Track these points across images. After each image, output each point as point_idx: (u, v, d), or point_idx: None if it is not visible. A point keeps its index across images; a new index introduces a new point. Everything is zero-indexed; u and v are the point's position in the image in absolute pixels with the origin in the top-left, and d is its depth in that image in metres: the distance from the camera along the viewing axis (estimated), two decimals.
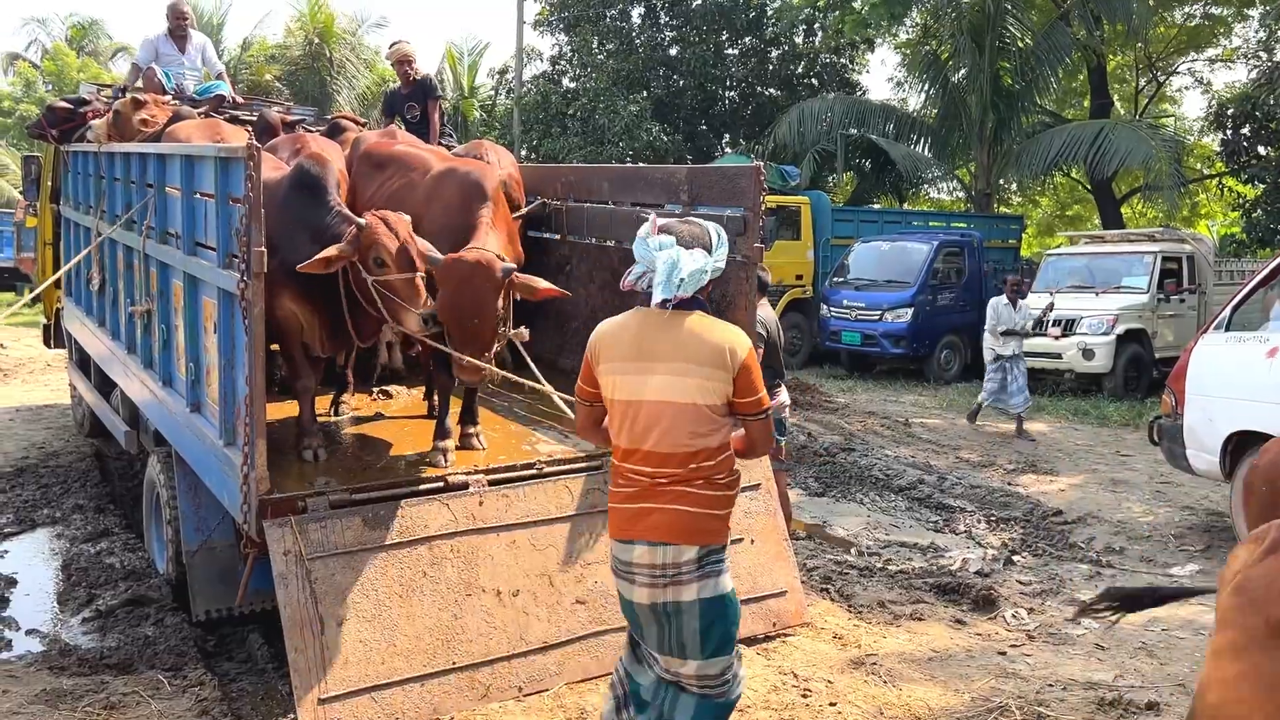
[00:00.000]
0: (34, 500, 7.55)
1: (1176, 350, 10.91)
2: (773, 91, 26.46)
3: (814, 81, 26.36)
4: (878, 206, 23.44)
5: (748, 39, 26.06)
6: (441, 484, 4.38)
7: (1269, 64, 19.99)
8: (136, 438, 6.42)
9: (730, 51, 26.22)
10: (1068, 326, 12.82)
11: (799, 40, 26.33)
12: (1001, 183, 22.99)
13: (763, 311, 5.64)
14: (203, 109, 7.58)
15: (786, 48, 26.31)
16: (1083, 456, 9.82)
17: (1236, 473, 6.63)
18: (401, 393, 6.14)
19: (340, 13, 30.48)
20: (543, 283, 4.63)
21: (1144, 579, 6.24)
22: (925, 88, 21.19)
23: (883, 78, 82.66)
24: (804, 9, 23.41)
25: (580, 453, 4.83)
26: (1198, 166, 25.08)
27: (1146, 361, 13.21)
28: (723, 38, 25.86)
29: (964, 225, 18.12)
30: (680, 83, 25.44)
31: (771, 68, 26.42)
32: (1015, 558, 6.60)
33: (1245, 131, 18.45)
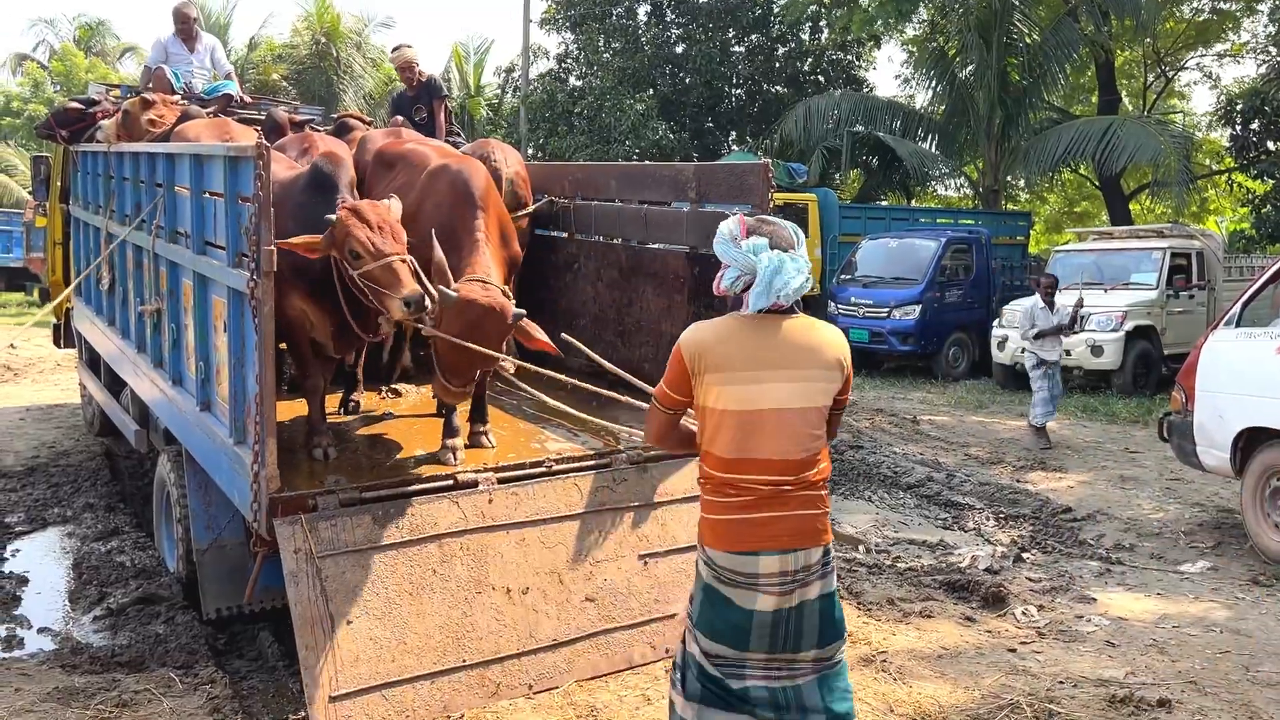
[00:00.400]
0: (45, 499, 7.59)
1: (1185, 347, 10.86)
2: (779, 89, 26.44)
3: (821, 78, 26.35)
4: (885, 204, 23.39)
5: (754, 36, 26.05)
6: (451, 482, 4.38)
7: (1278, 59, 19.92)
8: (146, 436, 6.44)
9: (737, 49, 26.21)
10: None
11: (805, 37, 26.32)
12: (1009, 179, 22.93)
13: None
14: (211, 108, 7.61)
15: (793, 44, 26.31)
16: (1091, 453, 9.79)
17: (1247, 469, 6.61)
18: (411, 391, 6.15)
19: (347, 13, 30.64)
20: (540, 334, 4.57)
21: (1154, 576, 6.23)
22: (932, 84, 21.18)
23: (890, 74, 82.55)
24: (810, 5, 23.39)
25: (589, 450, 4.84)
26: (1206, 162, 25.01)
27: (1155, 358, 13.17)
28: (729, 35, 25.85)
29: (971, 222, 18.07)
30: (686, 80, 25.44)
31: (778, 65, 26.42)
32: (1025, 555, 6.58)
33: (1254, 127, 18.41)
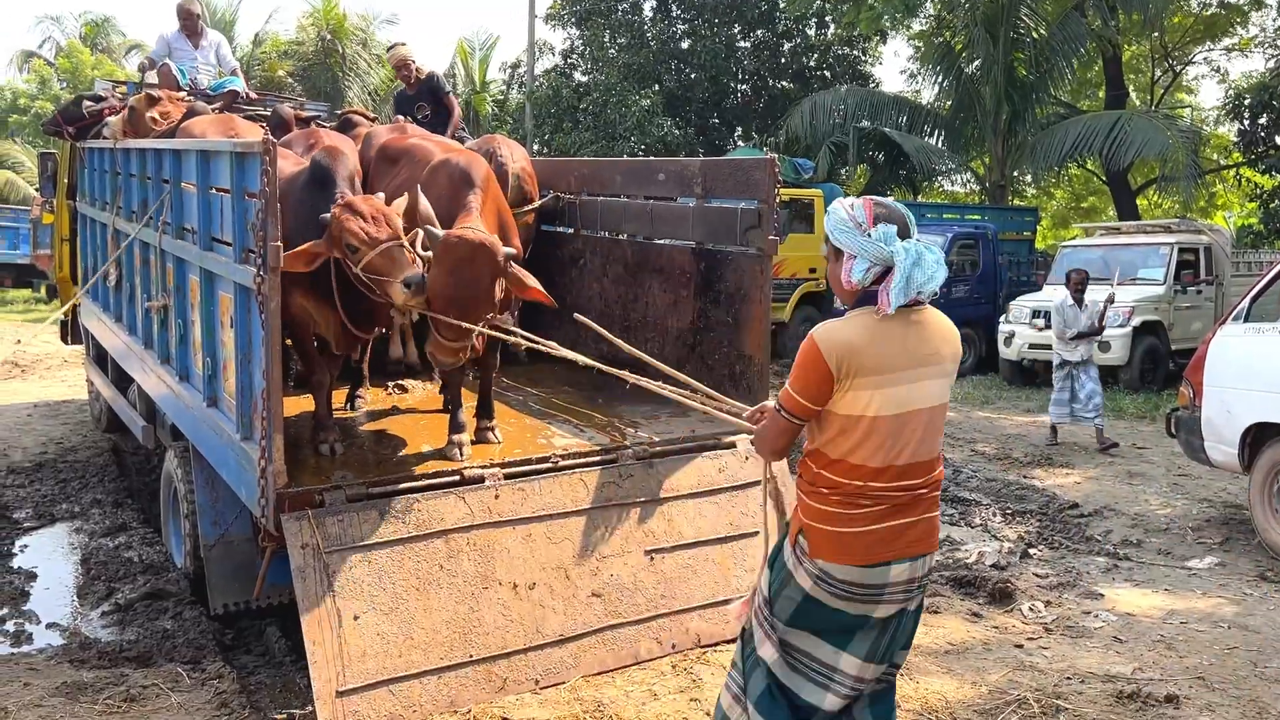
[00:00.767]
0: (53, 495, 7.61)
1: (1193, 342, 10.84)
2: (785, 84, 26.38)
3: (826, 74, 26.28)
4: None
5: (760, 31, 25.98)
6: (457, 478, 4.38)
7: None
8: (154, 432, 6.45)
9: (742, 44, 26.15)
10: None
11: (811, 32, 26.25)
12: (1016, 175, 22.87)
13: None
14: (216, 105, 7.61)
15: (799, 40, 26.24)
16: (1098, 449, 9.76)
17: (1255, 464, 6.59)
18: (417, 387, 6.15)
19: (352, 10, 30.67)
20: (532, 281, 4.47)
21: (1161, 572, 6.21)
22: (939, 79, 21.11)
23: (896, 69, 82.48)
24: (815, 1, 23.31)
25: (595, 446, 4.83)
26: (1214, 157, 24.89)
27: (1163, 353, 13.15)
28: (734, 30, 25.79)
29: (978, 217, 18.00)
30: (692, 76, 25.40)
31: (784, 60, 26.35)
32: (1032, 551, 6.57)
33: (1263, 121, 18.34)
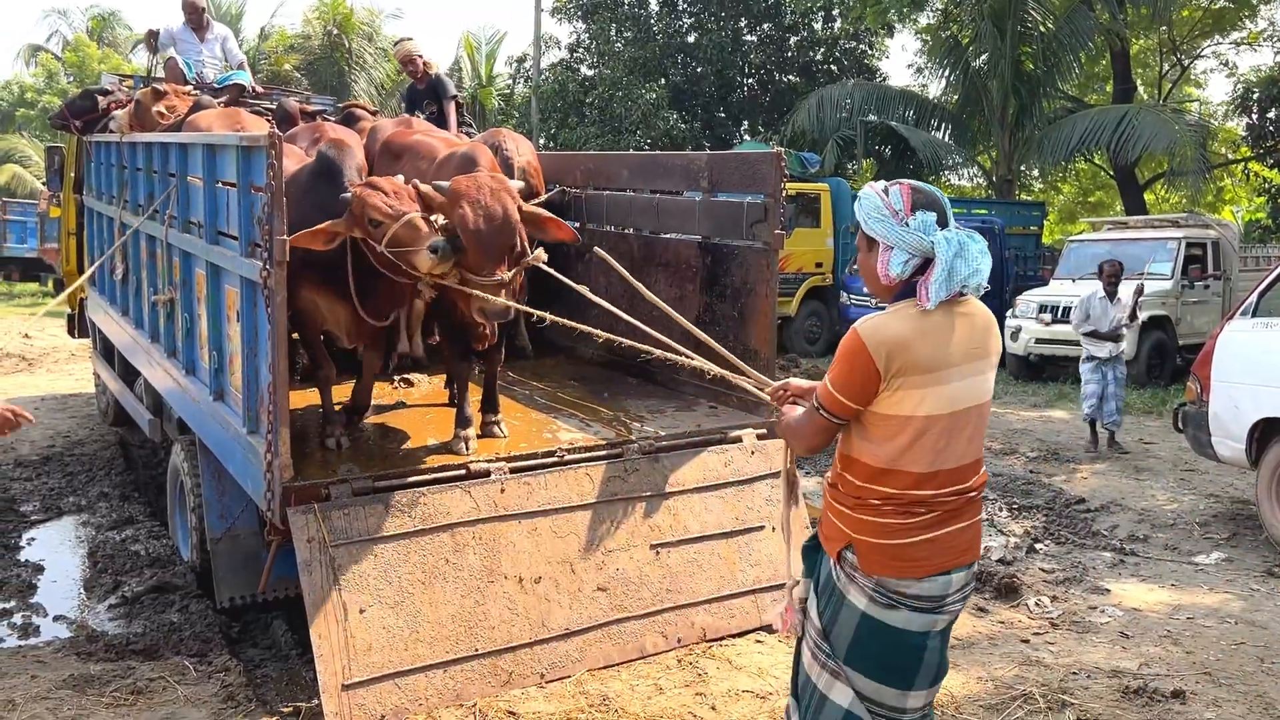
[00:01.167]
0: (60, 488, 7.64)
1: (1200, 337, 10.80)
2: (791, 78, 26.31)
3: (833, 68, 26.20)
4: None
5: (766, 25, 25.91)
6: (463, 472, 4.38)
7: None
8: (160, 426, 6.47)
9: (749, 38, 26.09)
10: None
11: (818, 26, 26.16)
12: (1023, 169, 22.78)
13: None
14: (223, 98, 7.62)
15: (805, 34, 26.15)
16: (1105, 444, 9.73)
17: (1262, 460, 6.57)
18: (423, 381, 6.15)
19: (358, 4, 30.63)
20: (549, 214, 4.62)
21: (1168, 567, 6.20)
22: (946, 73, 21.03)
23: (903, 63, 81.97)
24: None
25: (601, 440, 4.83)
26: (1223, 151, 24.78)
27: (1170, 348, 13.08)
28: (741, 24, 25.74)
29: (985, 212, 17.94)
30: (698, 70, 25.34)
31: (790, 54, 26.27)
32: (1038, 546, 6.56)
33: (1271, 115, 18.29)
